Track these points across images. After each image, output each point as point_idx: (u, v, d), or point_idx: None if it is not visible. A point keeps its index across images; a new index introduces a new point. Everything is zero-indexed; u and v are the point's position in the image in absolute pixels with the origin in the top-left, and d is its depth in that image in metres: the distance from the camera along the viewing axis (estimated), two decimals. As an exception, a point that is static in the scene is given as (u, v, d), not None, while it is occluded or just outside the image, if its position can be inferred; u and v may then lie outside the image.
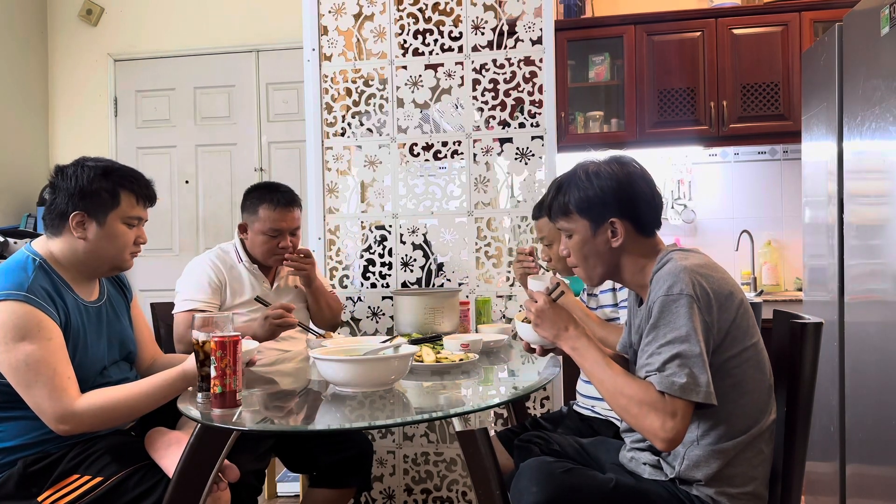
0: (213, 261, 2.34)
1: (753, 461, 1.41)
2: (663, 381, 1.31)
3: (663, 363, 1.32)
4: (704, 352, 1.32)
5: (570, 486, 1.39)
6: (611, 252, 1.50)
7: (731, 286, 1.41)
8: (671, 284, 1.36)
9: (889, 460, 2.04)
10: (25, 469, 1.60)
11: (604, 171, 1.49)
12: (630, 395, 1.34)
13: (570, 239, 1.54)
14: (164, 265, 4.30)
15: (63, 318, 1.65)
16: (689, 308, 1.33)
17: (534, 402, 2.67)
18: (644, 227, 1.51)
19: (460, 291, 2.65)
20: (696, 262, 1.41)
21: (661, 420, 1.30)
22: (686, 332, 1.32)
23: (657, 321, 1.35)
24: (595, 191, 1.48)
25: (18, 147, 4.13)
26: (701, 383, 1.30)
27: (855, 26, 2.27)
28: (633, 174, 1.50)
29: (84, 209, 1.69)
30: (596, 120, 3.70)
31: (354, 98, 2.80)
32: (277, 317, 2.09)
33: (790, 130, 3.43)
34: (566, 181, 1.53)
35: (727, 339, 1.38)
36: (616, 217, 1.48)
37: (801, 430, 1.46)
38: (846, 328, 2.35)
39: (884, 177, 2.09)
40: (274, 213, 2.30)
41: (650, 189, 1.52)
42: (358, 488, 2.28)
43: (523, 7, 2.69)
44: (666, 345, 1.33)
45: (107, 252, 1.72)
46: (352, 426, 1.69)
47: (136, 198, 1.74)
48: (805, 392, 1.46)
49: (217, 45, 4.23)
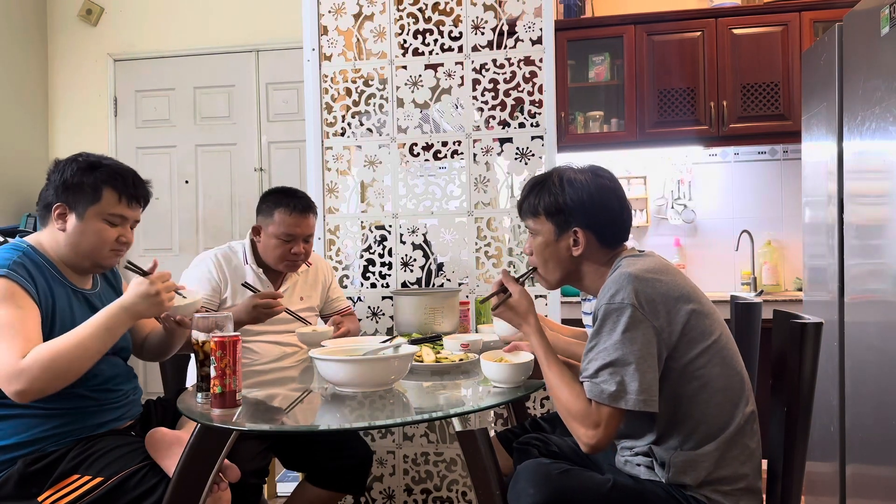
0: (217, 258, 2.32)
1: (740, 458, 1.42)
2: (593, 389, 1.37)
3: (596, 370, 1.38)
4: (643, 360, 1.35)
5: (567, 487, 1.39)
6: (570, 259, 1.57)
7: (682, 289, 1.43)
8: (614, 293, 1.39)
9: (889, 460, 2.04)
10: (25, 469, 1.60)
11: (578, 181, 1.54)
12: (563, 400, 1.43)
13: (534, 238, 1.61)
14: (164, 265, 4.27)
15: (43, 297, 1.65)
16: (629, 317, 1.36)
17: (534, 403, 2.67)
18: (606, 240, 1.55)
19: (460, 291, 2.65)
20: (643, 266, 1.43)
21: (584, 428, 1.38)
22: (622, 340, 1.36)
23: (599, 328, 1.40)
24: (564, 198, 1.54)
25: (18, 147, 4.13)
26: (630, 391, 1.34)
27: (855, 26, 2.27)
28: (605, 189, 1.55)
29: (65, 201, 1.70)
30: (596, 120, 3.70)
31: (354, 98, 2.80)
32: (266, 306, 2.09)
33: (790, 130, 3.44)
34: (540, 183, 1.59)
35: (683, 341, 1.40)
36: (580, 227, 1.53)
37: (801, 430, 1.45)
38: (846, 328, 2.35)
39: (884, 177, 2.09)
40: (289, 218, 2.28)
41: (619, 205, 1.56)
42: (353, 493, 2.29)
43: (523, 7, 2.69)
44: (602, 351, 1.37)
45: (84, 247, 1.72)
46: (352, 426, 1.69)
47: (120, 196, 1.72)
48: (805, 392, 1.46)
49: (217, 45, 4.23)
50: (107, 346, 1.62)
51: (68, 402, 1.67)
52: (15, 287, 1.60)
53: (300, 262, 2.35)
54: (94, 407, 1.73)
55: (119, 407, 1.79)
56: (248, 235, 2.39)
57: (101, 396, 1.75)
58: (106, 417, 1.75)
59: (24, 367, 1.51)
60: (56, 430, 1.66)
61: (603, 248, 1.55)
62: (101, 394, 1.75)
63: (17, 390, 1.51)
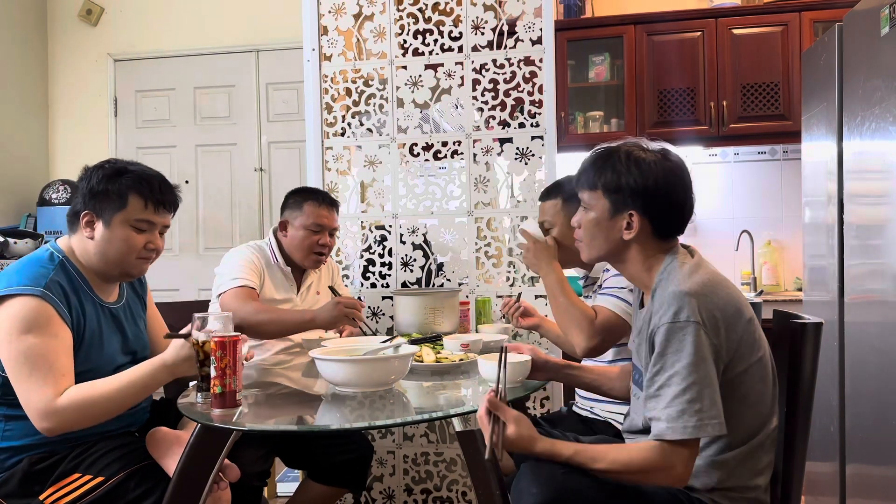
0: (253, 250, 2.34)
1: (754, 470, 1.39)
2: (674, 428, 1.27)
3: (672, 399, 1.28)
4: (713, 380, 1.28)
5: (570, 486, 1.37)
6: (619, 241, 1.46)
7: (736, 302, 1.37)
8: (677, 310, 1.31)
9: (889, 460, 2.04)
10: (30, 467, 1.60)
11: (645, 162, 1.42)
12: (628, 462, 1.32)
13: (586, 212, 1.50)
14: (164, 265, 4.28)
15: (76, 319, 1.65)
16: (696, 335, 1.29)
17: (534, 402, 2.67)
18: (662, 230, 1.45)
19: (460, 291, 2.65)
20: (700, 280, 1.36)
21: (669, 480, 1.30)
22: (694, 362, 1.28)
23: (664, 349, 1.31)
24: (627, 179, 1.42)
25: (18, 147, 4.13)
26: (710, 416, 1.27)
27: (855, 26, 2.27)
28: (672, 175, 1.43)
29: (93, 209, 1.69)
30: (596, 120, 3.70)
31: (354, 98, 2.80)
32: (349, 305, 2.08)
33: (790, 130, 3.43)
34: (605, 157, 1.46)
35: (735, 356, 1.36)
36: (636, 211, 1.42)
37: (801, 430, 1.46)
38: (846, 328, 2.35)
39: (884, 177, 2.09)
40: (319, 209, 2.34)
41: (683, 196, 1.44)
42: (354, 489, 2.30)
43: (523, 7, 2.69)
44: (674, 377, 1.29)
45: (112, 255, 1.71)
46: (352, 426, 1.69)
47: (146, 202, 1.71)
48: (805, 392, 1.46)
49: (217, 45, 4.24)
50: (140, 399, 1.65)
51: None
52: (50, 311, 1.58)
53: (325, 257, 2.39)
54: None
55: (129, 415, 1.78)
56: (270, 235, 2.40)
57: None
58: (114, 426, 1.73)
59: (58, 408, 1.53)
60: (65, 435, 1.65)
61: (656, 237, 1.44)
62: None
63: (48, 427, 1.55)
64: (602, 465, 1.33)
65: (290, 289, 2.39)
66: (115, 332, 1.76)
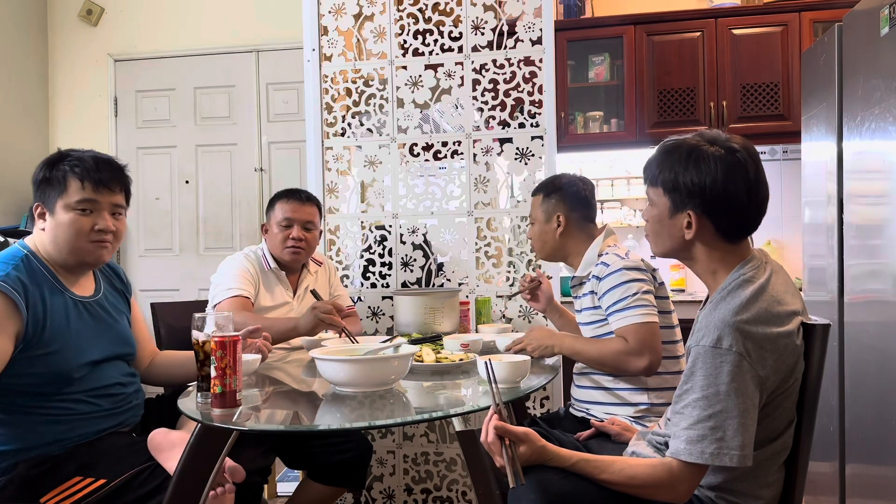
0: (247, 257, 2.43)
1: (760, 480, 1.36)
2: (691, 451, 1.25)
3: (693, 423, 1.26)
4: (746, 412, 1.24)
5: (568, 491, 1.35)
6: (682, 240, 1.40)
7: (792, 333, 1.32)
8: (720, 336, 1.26)
9: (889, 460, 2.04)
10: (28, 472, 1.60)
11: (708, 159, 1.35)
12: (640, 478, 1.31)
13: (651, 209, 1.45)
14: (164, 265, 4.31)
15: (33, 311, 1.63)
16: (734, 365, 1.24)
17: (534, 402, 2.67)
18: (725, 231, 1.37)
19: (460, 291, 2.65)
20: (757, 311, 1.29)
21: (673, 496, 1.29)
22: (727, 392, 1.24)
23: (695, 369, 1.28)
24: (686, 178, 1.35)
25: (18, 147, 4.13)
26: (732, 447, 1.23)
27: (855, 26, 2.27)
28: (735, 171, 1.34)
29: (40, 199, 1.71)
30: (596, 120, 3.70)
31: (354, 98, 2.80)
32: (324, 311, 2.08)
33: (790, 130, 3.43)
34: (668, 152, 1.40)
35: (781, 380, 1.32)
36: (694, 211, 1.36)
37: (805, 432, 1.42)
38: (846, 328, 2.35)
39: (884, 177, 2.09)
40: (287, 205, 2.43)
41: (747, 195, 1.35)
42: (354, 488, 2.31)
43: (523, 7, 2.69)
44: (701, 400, 1.26)
45: (62, 241, 1.70)
46: (352, 426, 1.69)
47: (83, 182, 1.69)
48: (811, 395, 1.42)
49: (217, 45, 4.23)
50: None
51: (69, 408, 1.67)
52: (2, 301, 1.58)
53: (302, 251, 2.42)
54: (95, 414, 1.72)
55: (121, 413, 1.79)
56: (263, 239, 2.51)
57: (103, 402, 1.74)
58: (107, 424, 1.74)
59: None
60: (57, 436, 1.65)
61: (720, 238, 1.37)
62: (102, 399, 1.74)
63: None
64: (606, 476, 1.32)
65: (286, 292, 2.44)
66: (89, 326, 1.75)
